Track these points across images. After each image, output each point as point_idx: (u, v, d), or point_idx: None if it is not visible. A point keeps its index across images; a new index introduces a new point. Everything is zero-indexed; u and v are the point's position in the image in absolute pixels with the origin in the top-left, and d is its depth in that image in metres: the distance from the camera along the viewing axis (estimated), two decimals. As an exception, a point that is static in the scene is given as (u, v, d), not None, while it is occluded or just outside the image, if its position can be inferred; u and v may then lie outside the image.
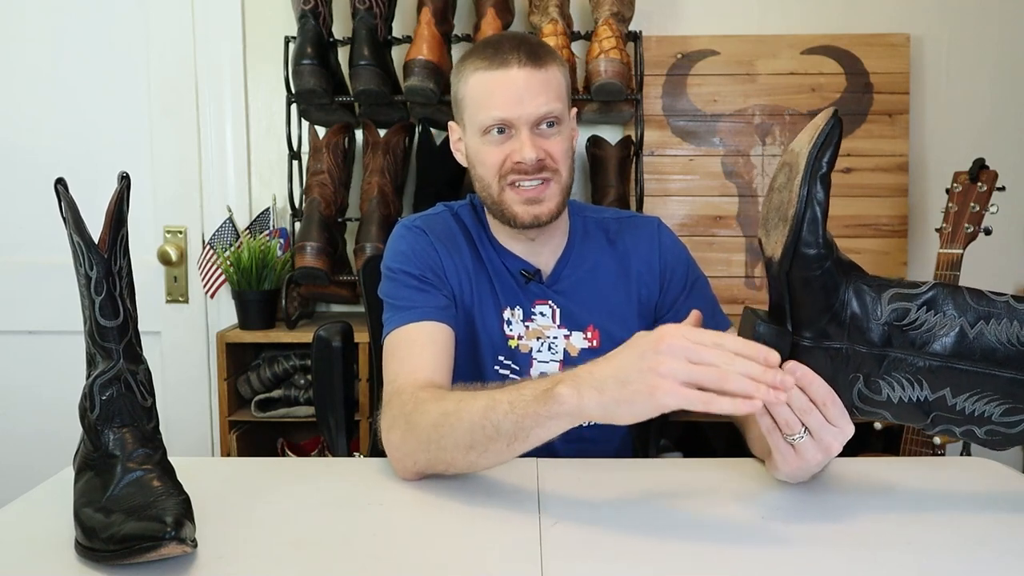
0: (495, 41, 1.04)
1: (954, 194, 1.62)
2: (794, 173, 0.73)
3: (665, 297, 1.15)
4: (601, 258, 1.14)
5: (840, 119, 0.72)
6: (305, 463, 1.09)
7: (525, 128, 1.01)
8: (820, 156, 0.71)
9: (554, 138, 1.03)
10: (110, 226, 0.72)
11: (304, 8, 1.79)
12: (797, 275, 0.73)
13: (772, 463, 0.81)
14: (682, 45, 2.06)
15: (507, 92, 1.00)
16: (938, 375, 0.73)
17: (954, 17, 2.06)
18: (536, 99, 1.00)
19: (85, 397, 0.73)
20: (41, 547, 0.71)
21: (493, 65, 1.00)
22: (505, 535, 0.74)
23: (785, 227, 0.73)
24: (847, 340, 0.74)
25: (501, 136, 1.02)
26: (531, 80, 1.00)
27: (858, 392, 0.75)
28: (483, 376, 1.11)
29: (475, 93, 1.03)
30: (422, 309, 1.04)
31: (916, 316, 0.73)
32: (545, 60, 1.02)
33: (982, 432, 0.75)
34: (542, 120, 1.01)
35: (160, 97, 2.04)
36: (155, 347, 2.06)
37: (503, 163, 1.02)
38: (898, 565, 0.68)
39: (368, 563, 0.68)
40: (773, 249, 0.75)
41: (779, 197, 0.75)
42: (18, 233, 2.06)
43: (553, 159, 1.03)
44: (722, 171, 2.07)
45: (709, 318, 1.12)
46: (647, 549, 0.71)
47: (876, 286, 0.74)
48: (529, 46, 1.02)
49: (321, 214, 1.84)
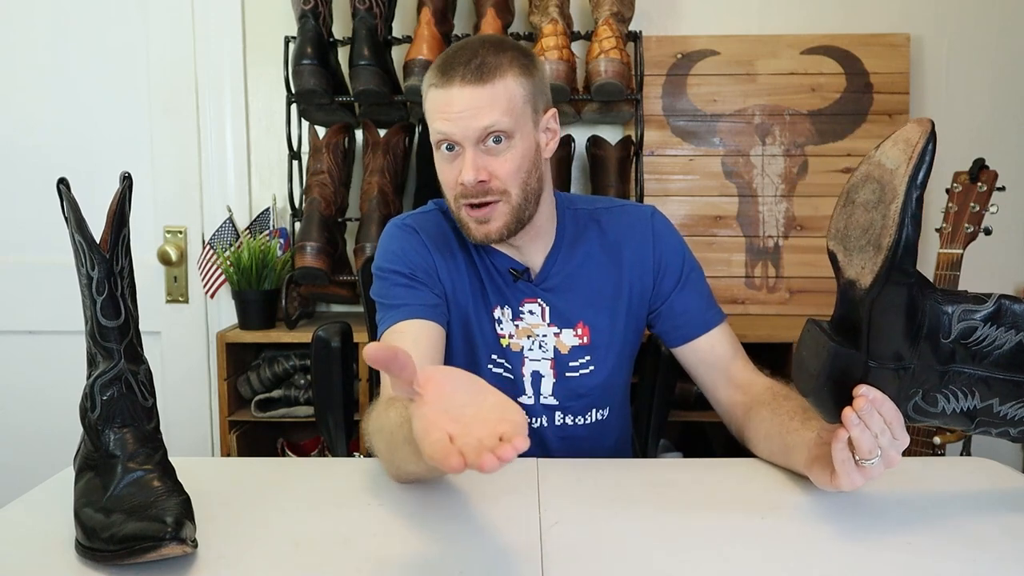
0: (454, 51, 1.01)
1: (954, 194, 1.62)
2: (888, 195, 0.70)
3: (660, 289, 1.13)
4: (592, 252, 1.13)
5: (935, 132, 0.69)
6: (305, 463, 1.09)
7: (470, 147, 0.98)
8: (919, 179, 0.68)
9: (502, 155, 0.99)
10: (112, 226, 0.72)
11: (304, 8, 1.79)
12: (884, 303, 0.72)
13: (829, 481, 0.80)
14: (682, 45, 2.06)
15: (450, 109, 0.97)
16: (992, 385, 0.74)
17: (954, 17, 2.06)
18: (478, 115, 0.96)
19: (86, 397, 0.73)
20: (41, 547, 0.71)
21: (440, 82, 0.98)
22: (505, 535, 0.74)
23: (878, 255, 0.70)
24: (917, 359, 0.74)
25: (451, 154, 1.00)
26: (473, 95, 0.96)
27: (914, 405, 0.75)
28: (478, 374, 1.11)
29: (428, 108, 1.02)
30: (411, 307, 1.04)
31: (981, 332, 0.73)
32: (494, 73, 0.97)
33: (1016, 432, 0.77)
34: (485, 136, 0.98)
35: (160, 97, 2.04)
36: (155, 347, 2.06)
37: (455, 183, 1.01)
38: (898, 565, 0.68)
39: (368, 563, 0.68)
40: (859, 274, 0.73)
41: (867, 217, 0.72)
42: (18, 233, 2.06)
43: (499, 178, 1.00)
44: (722, 171, 2.07)
45: (702, 312, 1.12)
46: (647, 549, 0.71)
47: (947, 301, 0.73)
48: (481, 59, 0.98)
49: (321, 214, 1.84)
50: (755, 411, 1.01)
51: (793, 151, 2.05)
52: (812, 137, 2.05)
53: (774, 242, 2.05)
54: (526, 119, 1.01)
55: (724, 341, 1.12)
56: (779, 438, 0.92)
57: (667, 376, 1.38)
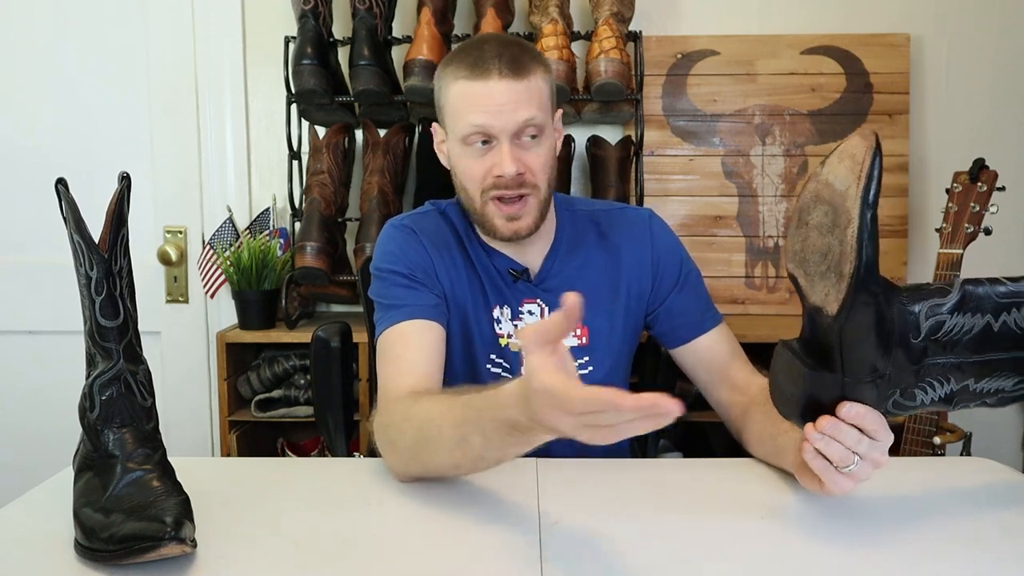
0: (477, 46, 1.01)
1: (954, 194, 1.62)
2: (843, 219, 0.68)
3: (657, 291, 1.14)
4: (590, 253, 1.13)
5: (880, 145, 0.67)
6: (305, 463, 1.09)
7: (506, 140, 0.99)
8: (870, 199, 0.67)
9: (534, 150, 1.01)
10: (110, 226, 0.72)
11: (304, 8, 1.79)
12: (852, 326, 0.71)
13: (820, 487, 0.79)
14: (682, 45, 2.06)
15: (488, 102, 0.98)
16: (965, 369, 0.75)
17: (954, 17, 2.06)
18: (516, 111, 0.98)
19: (85, 397, 0.73)
20: (41, 547, 0.71)
21: (474, 75, 0.98)
22: (505, 535, 0.74)
23: (842, 283, 0.69)
24: (892, 366, 0.73)
25: (483, 148, 1.01)
26: (511, 89, 0.98)
27: (893, 402, 0.75)
28: (477, 375, 1.11)
29: (455, 101, 1.01)
30: (412, 307, 1.04)
31: (950, 323, 0.73)
32: (527, 69, 0.99)
33: (994, 400, 0.77)
34: (523, 131, 1.00)
35: (160, 97, 2.04)
36: (155, 347, 2.06)
37: (484, 176, 1.01)
38: (898, 565, 0.68)
39: (368, 563, 0.68)
40: (824, 301, 0.72)
41: (823, 242, 0.71)
42: (18, 233, 2.06)
43: (532, 173, 1.01)
44: (722, 171, 2.07)
45: (700, 314, 1.12)
46: (647, 549, 0.71)
47: (912, 300, 0.73)
48: (511, 53, 0.99)
49: (321, 214, 1.84)
50: (751, 412, 1.01)
51: (793, 151, 2.05)
52: (812, 137, 2.05)
53: (774, 242, 2.05)
54: (550, 116, 1.04)
55: (722, 342, 1.12)
56: (771, 440, 0.92)
57: (667, 376, 1.38)
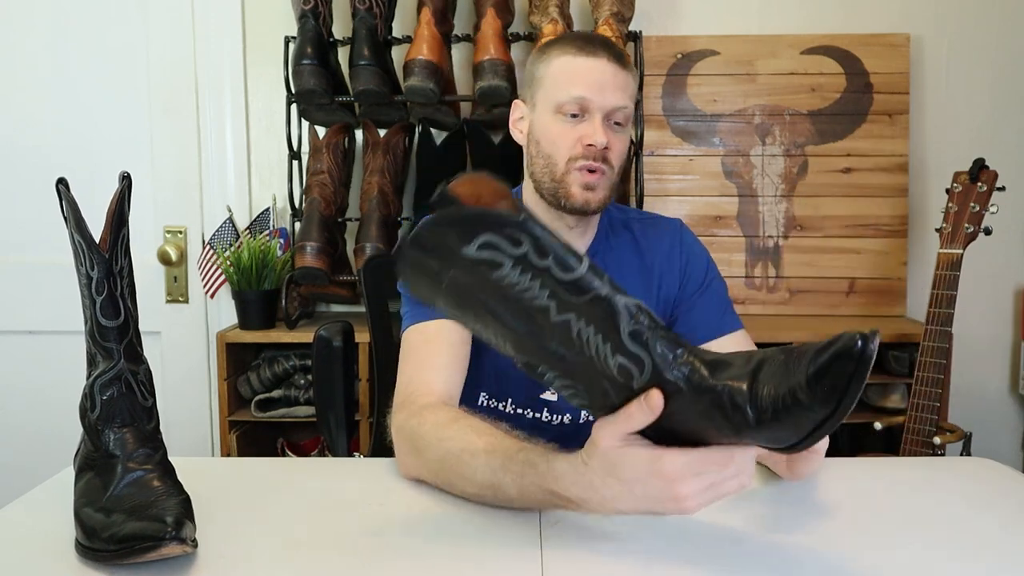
0: (584, 35, 1.09)
1: (954, 194, 1.62)
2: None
3: (683, 293, 1.17)
4: (624, 255, 1.17)
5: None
6: (305, 463, 1.09)
7: (599, 115, 1.05)
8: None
9: (619, 135, 1.08)
10: (111, 226, 0.72)
11: (304, 8, 1.79)
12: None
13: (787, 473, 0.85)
14: (682, 45, 2.06)
15: (592, 76, 1.04)
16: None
17: (954, 17, 2.06)
18: (615, 92, 1.05)
19: (86, 397, 0.73)
20: (41, 547, 0.71)
21: (583, 52, 1.05)
22: (505, 535, 0.74)
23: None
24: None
25: (575, 119, 1.06)
26: (616, 74, 1.05)
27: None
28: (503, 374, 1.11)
29: (558, 73, 1.07)
30: None
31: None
32: (628, 66, 1.08)
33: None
34: (615, 113, 1.06)
35: (160, 97, 2.04)
36: (155, 347, 2.06)
37: (574, 144, 1.06)
38: (898, 565, 0.68)
39: (368, 563, 0.68)
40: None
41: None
42: (18, 233, 2.06)
43: (614, 152, 1.07)
44: (722, 171, 2.07)
45: (719, 318, 1.15)
46: (647, 549, 0.71)
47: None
48: (618, 49, 1.08)
49: (321, 214, 1.84)
50: None
51: (793, 151, 2.05)
52: (812, 137, 2.05)
53: (774, 242, 2.05)
54: (631, 118, 1.11)
55: (738, 347, 1.12)
56: None
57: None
